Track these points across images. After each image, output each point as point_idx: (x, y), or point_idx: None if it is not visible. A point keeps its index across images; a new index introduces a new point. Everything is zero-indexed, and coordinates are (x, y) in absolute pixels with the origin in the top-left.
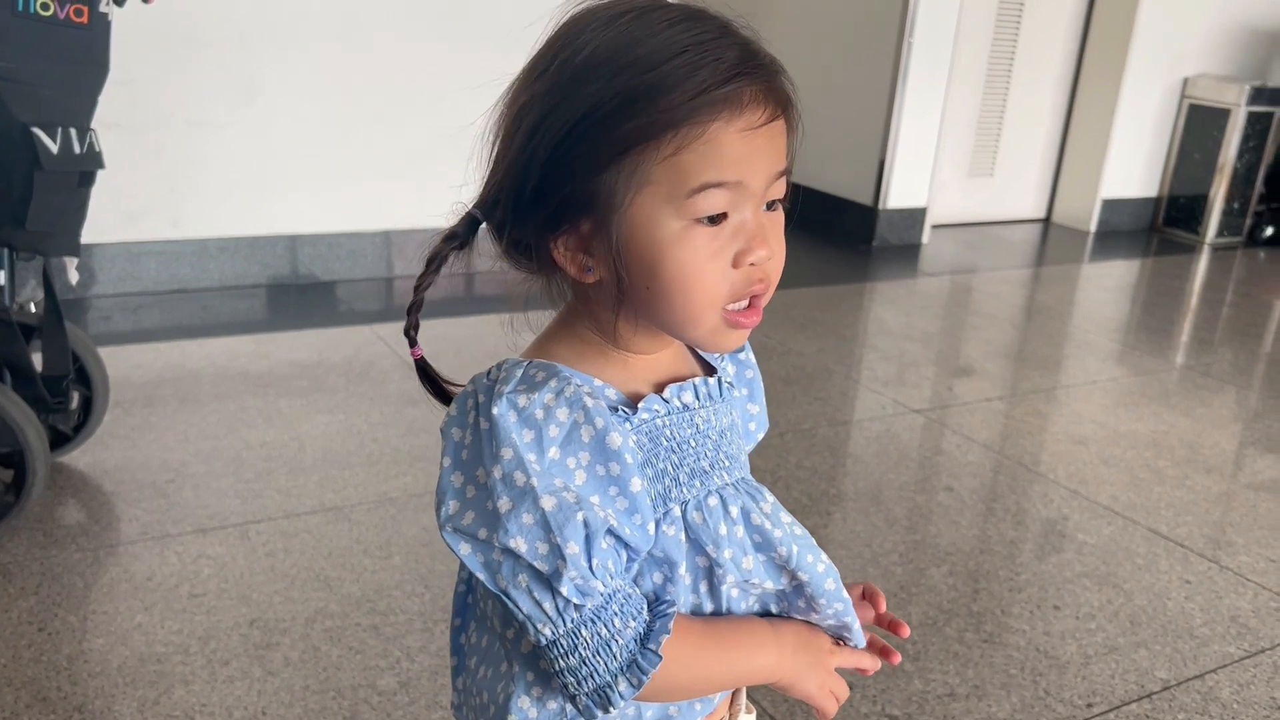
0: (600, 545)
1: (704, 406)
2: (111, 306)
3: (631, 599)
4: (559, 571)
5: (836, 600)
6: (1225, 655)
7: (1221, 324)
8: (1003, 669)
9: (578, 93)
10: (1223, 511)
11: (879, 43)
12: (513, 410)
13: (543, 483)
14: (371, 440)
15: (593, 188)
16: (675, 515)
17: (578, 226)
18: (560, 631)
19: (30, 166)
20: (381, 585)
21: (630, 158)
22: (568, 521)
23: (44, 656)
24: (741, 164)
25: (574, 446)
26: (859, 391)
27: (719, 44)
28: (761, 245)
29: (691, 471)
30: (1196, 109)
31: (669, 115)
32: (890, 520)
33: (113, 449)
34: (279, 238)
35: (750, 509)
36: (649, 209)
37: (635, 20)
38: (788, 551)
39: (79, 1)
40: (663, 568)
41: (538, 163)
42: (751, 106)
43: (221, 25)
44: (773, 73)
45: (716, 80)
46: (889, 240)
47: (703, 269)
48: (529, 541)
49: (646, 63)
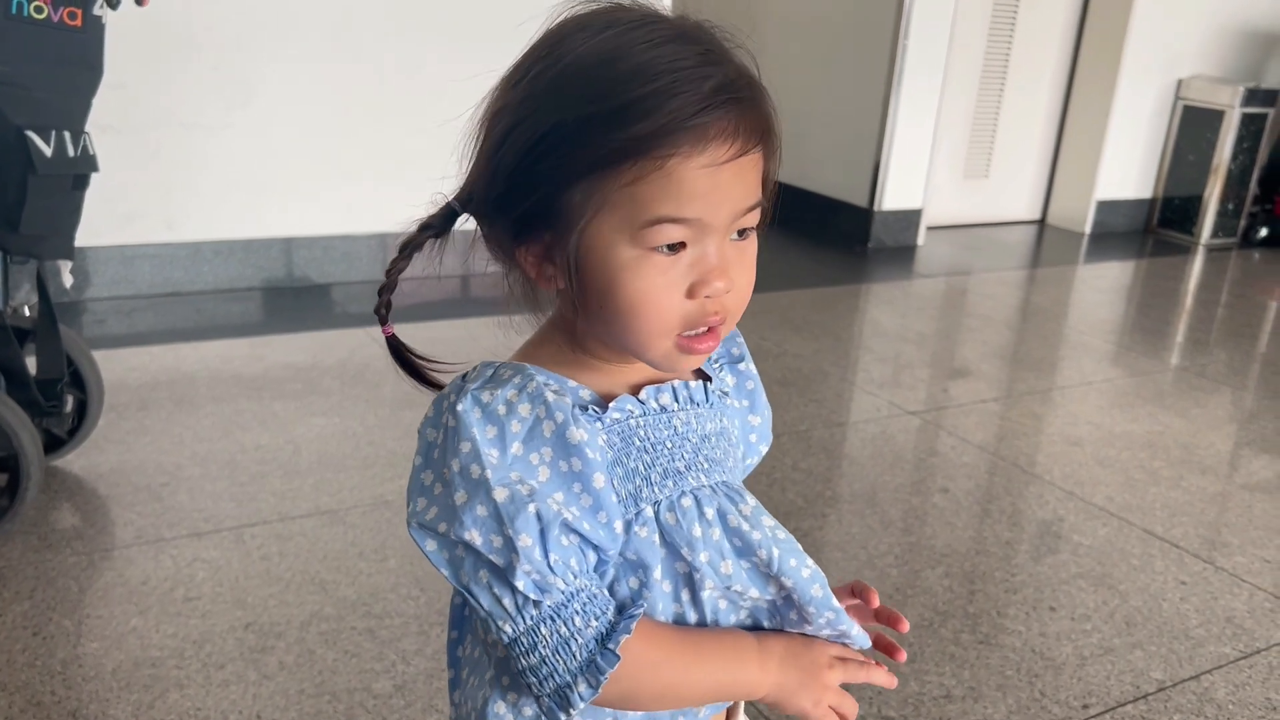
0: (558, 540)
1: (684, 409)
2: (106, 310)
3: (596, 599)
4: (513, 565)
5: (826, 608)
6: (1221, 656)
7: (1216, 325)
8: (999, 670)
9: (547, 107)
10: (1218, 512)
11: (874, 45)
12: (477, 406)
13: (496, 475)
14: (367, 443)
15: (553, 203)
16: (647, 516)
17: (540, 237)
18: (520, 629)
19: (24, 170)
20: (377, 588)
21: (589, 180)
22: (519, 513)
23: (38, 661)
24: (702, 200)
25: (536, 442)
26: (854, 393)
27: (695, 73)
28: (719, 278)
29: (664, 472)
30: (1191, 110)
31: (630, 144)
32: (886, 522)
33: (107, 452)
34: (274, 240)
35: (727, 510)
36: (605, 233)
37: (621, 35)
38: (768, 555)
39: (72, 4)
40: (638, 572)
41: (504, 171)
42: (717, 141)
43: (216, 28)
44: (749, 104)
45: (683, 114)
46: (884, 242)
47: (655, 298)
48: (483, 534)
49: (617, 86)
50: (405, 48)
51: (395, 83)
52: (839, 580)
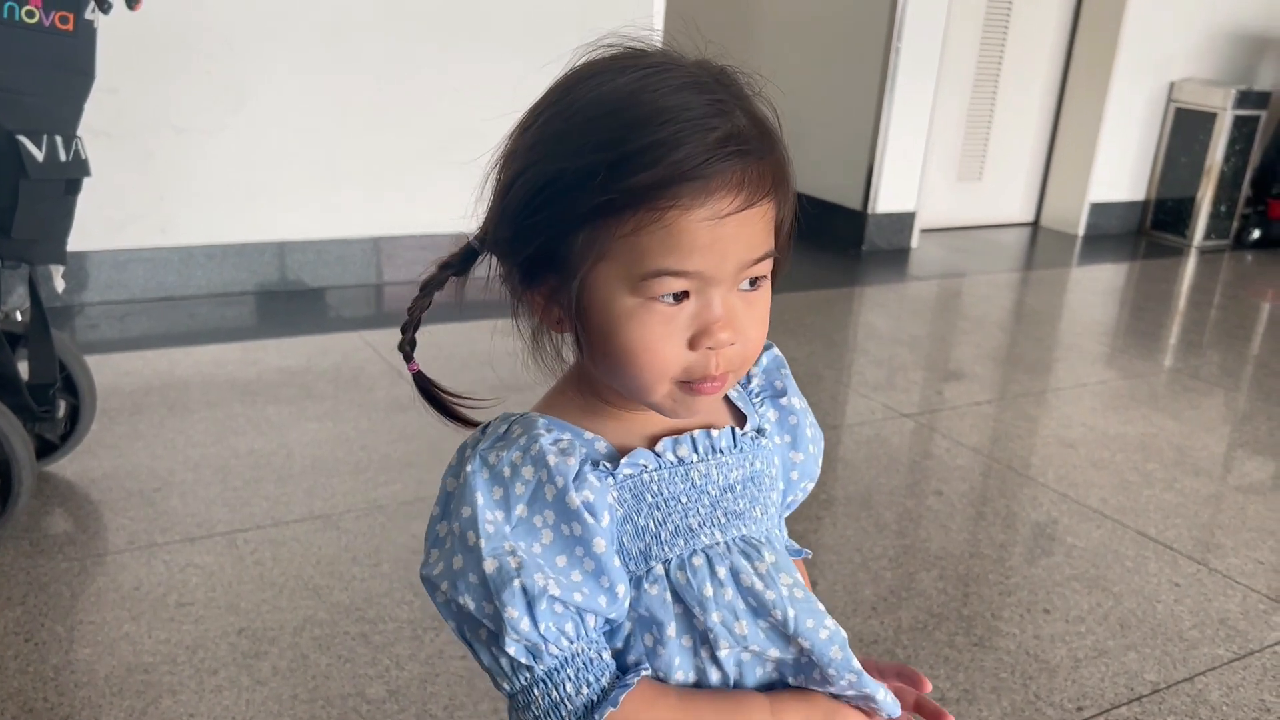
0: (549, 611)
1: (704, 460)
2: (99, 314)
3: (592, 665)
4: (502, 633)
5: (847, 670)
6: (1214, 658)
7: (1209, 327)
8: (993, 673)
9: (552, 153)
10: (1211, 514)
11: (867, 47)
12: (485, 468)
13: (490, 545)
14: (360, 447)
15: (557, 249)
16: (658, 574)
17: (546, 280)
18: (516, 688)
19: (16, 174)
20: (370, 593)
21: (590, 229)
22: (504, 587)
23: (31, 667)
24: (703, 253)
25: (539, 505)
26: (849, 396)
27: (701, 124)
28: (723, 329)
29: (676, 529)
30: (1183, 112)
31: (629, 195)
32: (880, 525)
33: (100, 458)
34: (267, 245)
35: (740, 569)
36: (606, 282)
37: (633, 83)
38: (783, 615)
39: (64, 9)
40: (651, 629)
41: (510, 215)
42: (720, 194)
43: (208, 32)
44: (757, 156)
45: (685, 165)
46: (878, 244)
47: (655, 347)
48: (475, 601)
49: (621, 135)
50: (398, 52)
51: (388, 87)
52: (834, 584)
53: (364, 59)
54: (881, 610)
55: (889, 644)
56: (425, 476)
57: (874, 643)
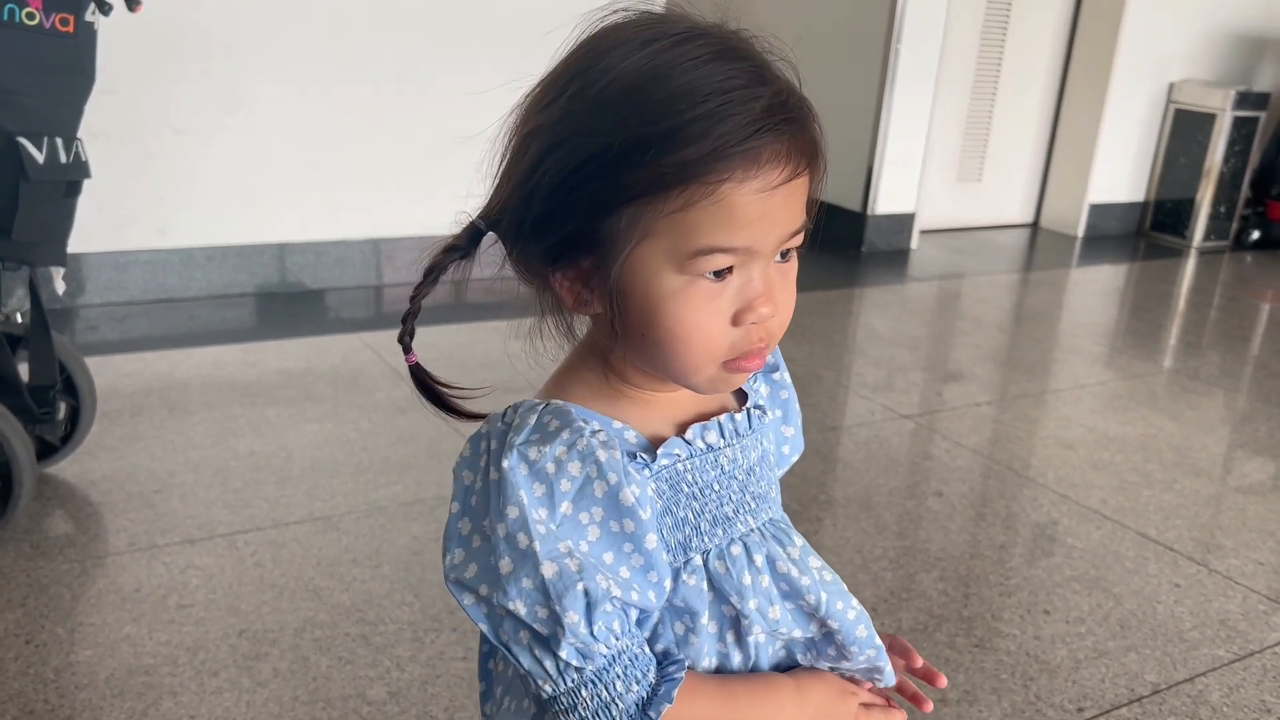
0: (603, 610)
1: (730, 445)
2: (98, 316)
3: (637, 660)
4: (557, 637)
5: (869, 647)
6: (1215, 658)
7: (1209, 327)
8: (993, 674)
9: (588, 128)
10: (1211, 515)
11: (866, 49)
12: (524, 463)
13: (545, 547)
14: (360, 449)
15: (595, 229)
16: (696, 564)
17: (577, 262)
18: (560, 690)
19: (16, 177)
20: (371, 595)
21: (635, 206)
22: (567, 591)
23: (31, 669)
24: (752, 227)
25: (587, 501)
26: (848, 397)
27: (745, 93)
28: (765, 304)
29: (714, 519)
30: (1183, 113)
31: (679, 170)
32: (880, 526)
33: (100, 459)
34: (267, 246)
35: (776, 556)
36: (650, 260)
37: (663, 52)
38: (816, 600)
39: (65, 10)
40: (684, 618)
41: (541, 195)
42: (770, 166)
43: (207, 34)
44: (800, 125)
45: (735, 138)
46: (877, 246)
47: (702, 326)
48: (528, 605)
49: (664, 107)
50: (397, 53)
51: (387, 88)
52: None
53: (363, 60)
54: (882, 611)
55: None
56: (425, 478)
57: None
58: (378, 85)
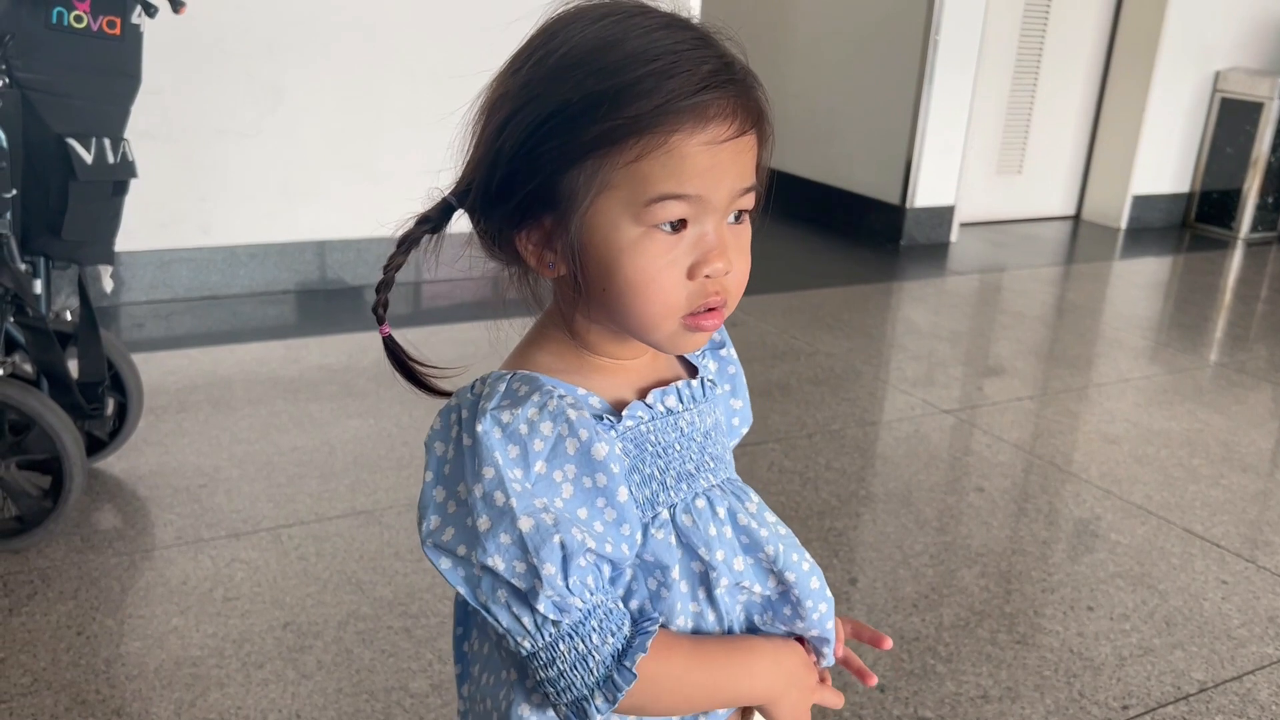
0: (578, 564)
1: (688, 409)
2: (144, 313)
3: (613, 614)
4: (535, 590)
5: (821, 599)
6: (1263, 656)
7: (1256, 320)
8: (1036, 671)
9: (549, 91)
10: (1259, 510)
11: (905, 40)
12: (497, 427)
13: (522, 503)
14: (402, 444)
15: (555, 185)
16: (664, 519)
17: (540, 222)
18: (539, 645)
19: (65, 177)
20: (413, 588)
21: (593, 160)
22: (544, 543)
23: (82, 660)
24: (703, 177)
25: (559, 459)
26: (888, 392)
27: (693, 55)
28: (719, 259)
29: (678, 475)
30: (1229, 103)
31: (633, 122)
32: (921, 521)
33: (147, 454)
34: (308, 244)
35: (737, 509)
36: (608, 212)
37: (616, 24)
38: (774, 551)
39: (111, 13)
40: (655, 573)
41: (505, 156)
42: (718, 120)
43: (249, 34)
44: (745, 87)
45: (684, 91)
46: (917, 239)
47: (658, 276)
48: (506, 560)
49: (618, 67)
50: (434, 50)
51: (425, 84)
52: (874, 581)
53: (401, 58)
54: (923, 607)
55: (930, 641)
56: None
57: (915, 640)
58: (416, 82)
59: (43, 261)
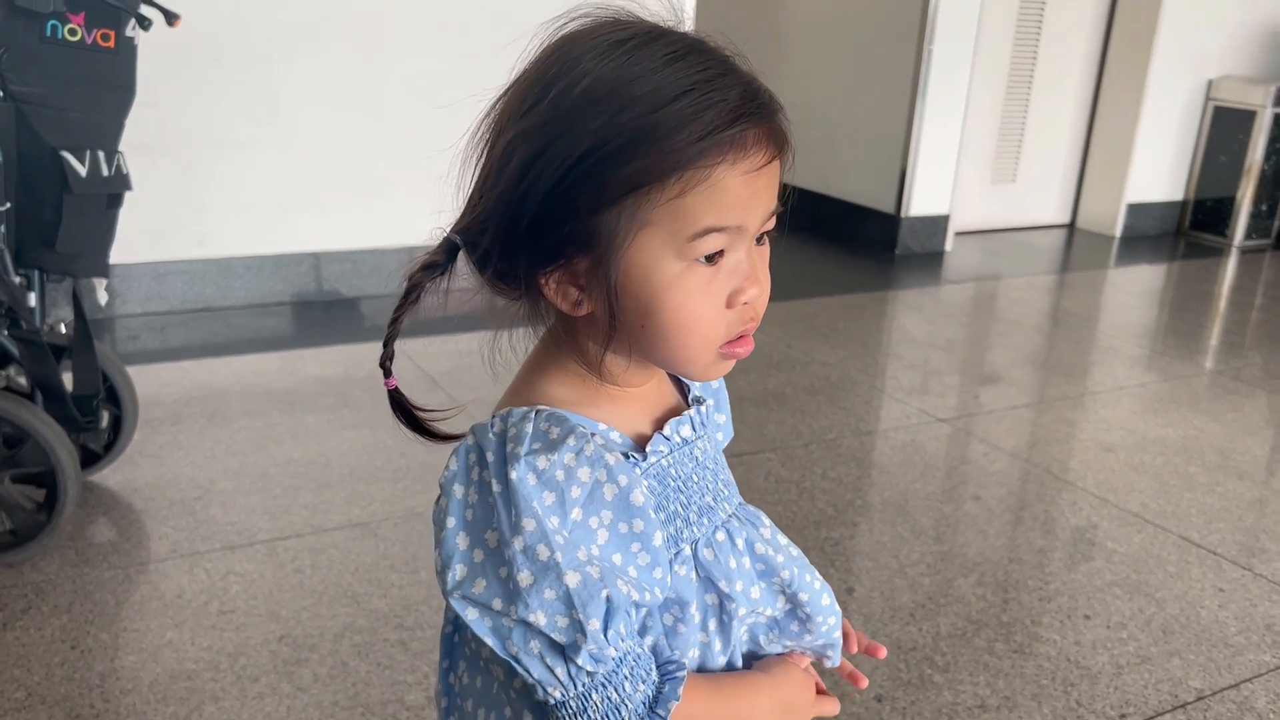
0: (621, 615)
1: (699, 436)
2: (139, 326)
3: (641, 660)
4: (577, 644)
5: (831, 614)
6: (1261, 664)
7: (1251, 327)
8: (1034, 679)
9: (579, 128)
10: (1256, 518)
11: (899, 50)
12: (532, 473)
13: (567, 557)
14: (398, 455)
15: (592, 226)
16: (686, 554)
17: (572, 262)
18: (571, 695)
19: (60, 190)
20: (409, 600)
21: (633, 198)
22: (592, 599)
23: (77, 674)
24: (743, 206)
25: (596, 505)
26: (884, 401)
27: (722, 82)
28: (754, 284)
29: (700, 509)
30: (1222, 111)
31: (675, 157)
32: (917, 530)
33: (142, 467)
34: (303, 255)
35: (754, 538)
36: (648, 250)
37: (635, 52)
38: (789, 575)
39: (105, 26)
40: (673, 609)
41: (535, 198)
42: (754, 148)
43: (243, 46)
44: (773, 112)
45: (722, 122)
46: (912, 248)
47: (699, 311)
48: (549, 616)
49: (651, 101)
50: (430, 62)
51: (421, 96)
52: (871, 591)
53: (396, 71)
54: (920, 617)
55: (928, 650)
56: None
57: (912, 649)
58: (410, 94)
59: (37, 274)
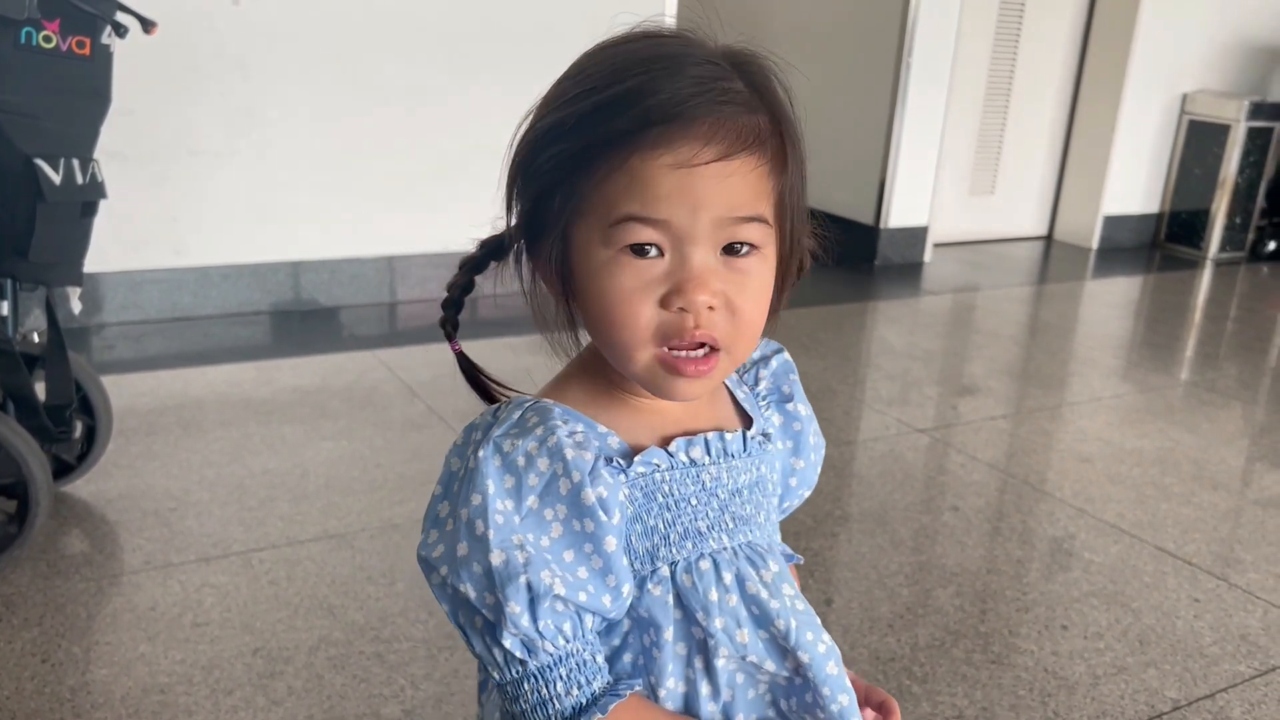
0: (550, 609)
1: (715, 463)
2: (114, 335)
3: (585, 667)
4: (500, 625)
5: (840, 690)
6: (1236, 674)
7: (1226, 339)
8: (1011, 690)
9: (537, 122)
10: (1231, 528)
11: (878, 62)
12: (497, 455)
13: (498, 536)
14: (375, 466)
15: (546, 209)
16: (663, 575)
17: (546, 247)
18: (506, 679)
19: (33, 198)
20: (385, 612)
21: (568, 183)
22: (510, 581)
23: (47, 688)
24: (669, 201)
25: (552, 498)
26: (863, 411)
27: (666, 74)
28: (698, 290)
29: (684, 532)
30: (1196, 124)
31: (598, 142)
32: (896, 541)
33: (116, 478)
34: (281, 264)
35: (746, 576)
36: (583, 235)
37: (604, 49)
38: (785, 626)
39: (81, 34)
40: (649, 630)
41: (512, 189)
42: (686, 142)
43: (221, 55)
44: (735, 108)
45: (653, 112)
46: (891, 259)
47: (625, 300)
48: (476, 590)
49: (595, 86)
50: (409, 72)
51: (399, 107)
52: (849, 601)
53: (375, 80)
54: (898, 627)
55: (906, 661)
56: None
57: (890, 660)
58: (389, 104)
59: (10, 283)
